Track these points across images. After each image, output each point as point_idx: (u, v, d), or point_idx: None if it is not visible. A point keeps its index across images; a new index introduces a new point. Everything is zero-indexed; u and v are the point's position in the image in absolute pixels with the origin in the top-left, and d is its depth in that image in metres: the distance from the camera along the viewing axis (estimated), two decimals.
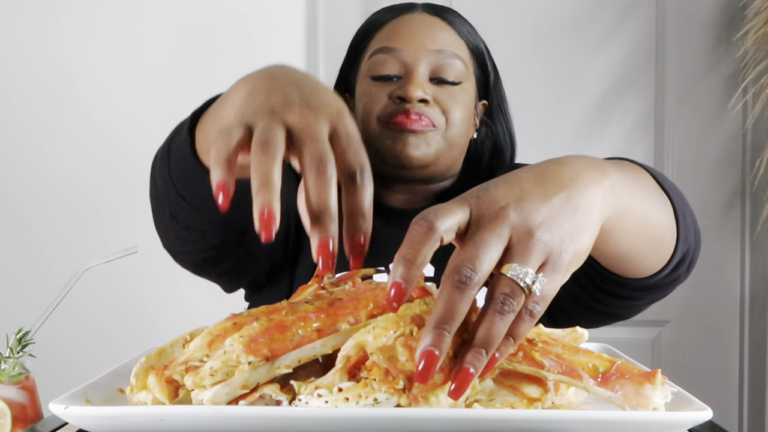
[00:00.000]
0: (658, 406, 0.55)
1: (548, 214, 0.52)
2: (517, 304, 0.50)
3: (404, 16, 1.06)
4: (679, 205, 0.72)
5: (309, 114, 0.54)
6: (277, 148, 0.52)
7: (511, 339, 0.51)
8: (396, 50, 1.02)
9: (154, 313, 1.90)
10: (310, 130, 0.53)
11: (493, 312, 0.50)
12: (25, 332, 0.74)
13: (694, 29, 1.91)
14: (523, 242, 0.51)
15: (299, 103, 0.55)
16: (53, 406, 0.53)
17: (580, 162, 0.58)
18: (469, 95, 1.05)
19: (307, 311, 0.56)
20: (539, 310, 0.51)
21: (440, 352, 0.48)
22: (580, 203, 0.54)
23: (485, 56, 1.09)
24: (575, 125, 1.93)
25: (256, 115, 0.55)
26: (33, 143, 1.91)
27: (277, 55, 1.91)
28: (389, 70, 1.02)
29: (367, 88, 1.03)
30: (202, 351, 0.57)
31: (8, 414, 0.70)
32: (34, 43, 1.91)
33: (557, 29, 1.92)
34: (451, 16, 1.07)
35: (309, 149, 0.52)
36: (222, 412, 0.51)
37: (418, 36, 1.02)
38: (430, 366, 0.48)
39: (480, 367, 0.50)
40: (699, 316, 1.95)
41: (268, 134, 0.52)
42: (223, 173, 0.52)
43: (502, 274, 0.51)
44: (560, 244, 0.52)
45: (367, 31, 1.08)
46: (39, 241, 1.92)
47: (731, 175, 1.92)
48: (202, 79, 1.91)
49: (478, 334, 0.50)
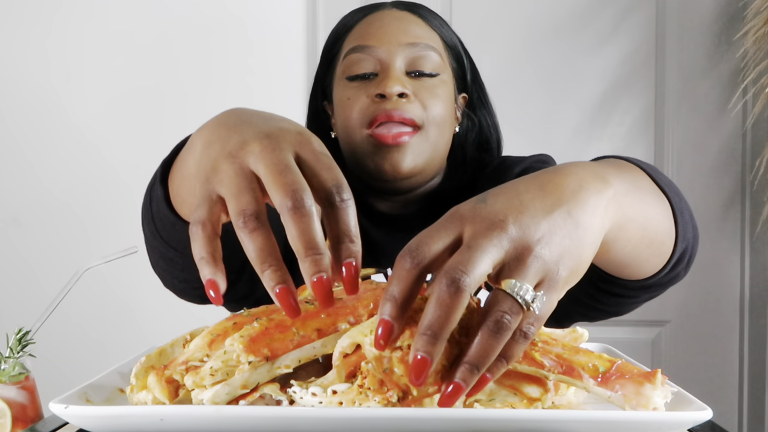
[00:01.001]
0: (658, 406, 0.55)
1: (548, 229, 0.51)
2: (514, 321, 0.49)
3: (375, 14, 1.04)
4: (677, 202, 0.72)
5: (269, 146, 0.52)
6: (255, 214, 0.49)
7: (504, 360, 0.50)
8: (370, 47, 1.00)
9: (154, 313, 1.90)
10: (274, 161, 0.51)
11: (489, 329, 0.48)
12: (25, 332, 0.74)
13: (694, 29, 1.91)
14: (521, 257, 0.49)
15: (256, 138, 0.53)
16: (53, 406, 0.53)
17: (582, 171, 0.56)
18: (448, 87, 1.03)
19: (307, 311, 0.56)
20: (533, 332, 0.50)
21: (431, 357, 0.47)
22: (581, 218, 0.53)
23: (459, 48, 1.07)
24: (575, 125, 1.93)
25: (217, 165, 0.52)
26: (33, 144, 1.91)
27: (276, 56, 1.91)
28: (365, 69, 1.00)
29: (344, 91, 1.01)
30: (203, 351, 0.57)
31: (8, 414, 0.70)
32: (33, 45, 1.91)
33: (557, 29, 1.92)
34: (422, 10, 1.06)
35: (277, 185, 0.50)
36: (222, 412, 0.51)
37: (390, 31, 1.01)
38: (422, 371, 0.48)
39: (471, 383, 0.49)
40: (699, 316, 1.95)
41: (238, 201, 0.50)
42: (209, 269, 0.51)
43: (501, 290, 0.49)
44: (559, 261, 0.51)
45: (338, 34, 1.06)
46: (39, 241, 1.92)
47: (731, 175, 1.92)
48: (202, 79, 1.91)
49: (472, 351, 0.49)
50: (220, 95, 1.91)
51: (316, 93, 1.11)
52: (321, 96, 1.10)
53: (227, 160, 0.52)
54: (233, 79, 1.92)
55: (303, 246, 0.49)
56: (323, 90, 1.10)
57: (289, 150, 0.52)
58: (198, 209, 0.52)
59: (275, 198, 0.50)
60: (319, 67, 1.10)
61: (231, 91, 1.91)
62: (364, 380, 0.51)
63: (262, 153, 0.51)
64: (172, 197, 0.73)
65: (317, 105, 1.11)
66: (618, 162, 0.68)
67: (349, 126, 0.99)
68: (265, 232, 0.49)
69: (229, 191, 0.51)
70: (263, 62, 1.91)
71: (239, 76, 1.91)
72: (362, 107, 0.98)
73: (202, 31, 1.91)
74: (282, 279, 0.49)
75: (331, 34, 1.09)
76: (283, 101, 1.91)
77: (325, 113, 1.10)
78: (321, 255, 0.49)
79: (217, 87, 1.91)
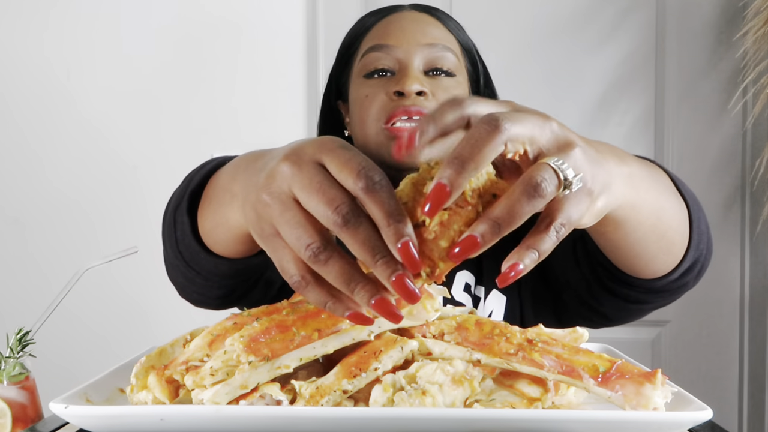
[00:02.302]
0: (658, 406, 0.55)
1: (588, 143, 0.52)
2: (549, 191, 0.46)
3: (393, 15, 1.06)
4: (695, 210, 0.72)
5: (294, 165, 0.49)
6: (316, 243, 0.47)
7: (535, 252, 0.47)
8: (389, 47, 1.01)
9: (154, 313, 1.90)
10: (303, 179, 0.48)
11: (523, 187, 0.46)
12: (25, 332, 0.74)
13: (694, 29, 1.91)
14: (564, 147, 0.49)
15: (280, 161, 0.50)
16: (53, 406, 0.53)
17: (602, 146, 0.57)
18: (464, 89, 1.04)
19: (307, 311, 0.56)
20: (563, 233, 0.48)
21: (451, 187, 0.45)
22: (612, 169, 0.54)
23: (474, 52, 1.09)
24: (575, 125, 1.91)
25: (257, 206, 0.51)
26: (33, 144, 1.91)
27: (277, 57, 1.91)
28: (383, 66, 1.01)
29: (361, 89, 1.02)
30: (203, 351, 0.57)
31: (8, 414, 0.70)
32: (32, 45, 1.91)
33: (557, 29, 1.92)
34: (440, 13, 1.08)
35: (317, 208, 0.48)
36: (222, 412, 0.51)
37: (409, 32, 1.02)
38: (439, 200, 0.45)
39: (489, 241, 0.46)
40: (699, 316, 1.95)
41: (291, 236, 0.48)
42: (353, 303, 0.49)
43: (543, 162, 0.47)
44: (594, 169, 0.50)
45: (356, 34, 1.07)
46: (39, 241, 1.92)
47: (731, 175, 1.92)
48: (202, 80, 1.91)
49: (498, 207, 0.46)
50: (220, 95, 1.91)
51: (329, 92, 1.12)
52: (335, 95, 1.11)
53: (270, 196, 0.50)
54: (234, 78, 1.92)
55: (364, 256, 0.47)
56: (338, 89, 1.10)
57: (313, 164, 0.49)
58: (282, 265, 0.50)
59: (320, 218, 0.48)
60: (335, 66, 1.11)
61: (231, 91, 1.91)
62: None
63: (292, 177, 0.49)
64: (201, 230, 0.72)
65: (331, 104, 1.12)
66: (641, 158, 0.69)
67: (366, 122, 1.00)
68: (342, 263, 0.48)
69: (289, 237, 0.49)
70: (264, 62, 1.91)
71: (239, 75, 1.91)
72: (380, 104, 0.99)
73: (203, 31, 1.91)
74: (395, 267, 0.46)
75: (348, 34, 1.10)
76: (284, 100, 1.91)
77: (339, 112, 1.11)
78: (401, 221, 0.46)
79: (217, 87, 1.91)
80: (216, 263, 0.74)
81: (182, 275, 0.82)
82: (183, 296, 0.89)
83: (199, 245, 0.73)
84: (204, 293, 0.85)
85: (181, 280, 0.84)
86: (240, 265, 0.75)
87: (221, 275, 0.78)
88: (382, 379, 0.56)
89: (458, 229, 0.47)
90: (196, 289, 0.85)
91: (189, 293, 0.87)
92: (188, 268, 0.79)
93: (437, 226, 0.47)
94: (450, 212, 0.47)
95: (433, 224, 0.47)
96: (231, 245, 0.69)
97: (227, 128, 1.91)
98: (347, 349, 0.58)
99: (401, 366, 0.58)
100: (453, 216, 0.47)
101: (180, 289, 0.88)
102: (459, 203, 0.47)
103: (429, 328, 0.61)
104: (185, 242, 0.75)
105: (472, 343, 0.59)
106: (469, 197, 0.47)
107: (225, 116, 1.91)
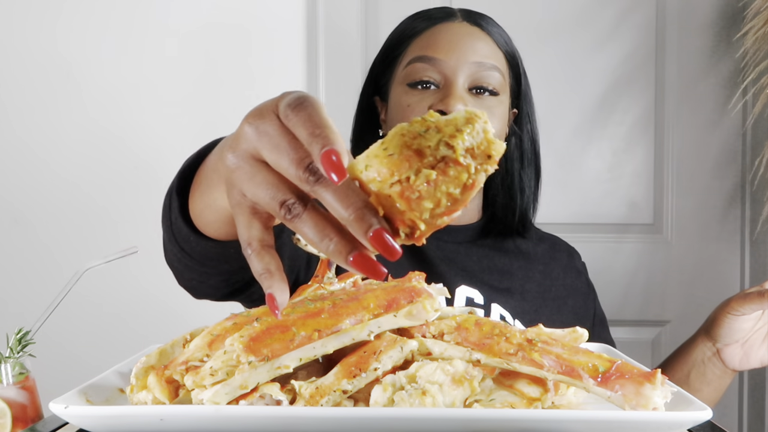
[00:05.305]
0: (658, 406, 0.55)
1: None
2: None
3: (443, 24, 1.05)
4: None
5: (257, 125, 0.49)
6: (292, 210, 0.47)
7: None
8: (436, 60, 1.01)
9: (154, 313, 1.90)
10: (269, 139, 0.48)
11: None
12: (25, 332, 0.74)
13: (694, 29, 1.91)
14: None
15: (243, 123, 0.50)
16: (53, 406, 0.53)
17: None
18: (505, 106, 1.05)
19: (307, 311, 0.56)
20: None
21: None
22: None
23: (519, 65, 1.09)
24: (575, 125, 1.93)
25: (227, 173, 0.51)
26: (33, 142, 1.91)
27: (277, 55, 1.91)
28: (428, 78, 1.01)
29: (404, 97, 1.02)
30: (202, 351, 0.57)
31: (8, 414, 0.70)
32: (34, 41, 1.91)
33: (557, 29, 1.92)
34: (490, 25, 1.07)
35: (289, 169, 0.46)
36: (222, 412, 0.51)
37: (458, 47, 1.02)
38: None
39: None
40: (699, 316, 1.94)
41: (268, 194, 0.47)
42: (266, 283, 0.48)
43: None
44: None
45: (403, 37, 1.07)
46: (39, 241, 1.92)
47: (731, 175, 1.92)
48: (203, 77, 1.91)
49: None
50: (221, 96, 1.91)
51: (368, 86, 1.12)
52: (373, 90, 1.11)
53: (229, 152, 0.51)
54: (234, 79, 1.92)
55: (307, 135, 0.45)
56: (377, 86, 1.10)
57: (273, 118, 0.49)
58: (240, 230, 0.50)
59: (292, 174, 0.47)
60: (377, 62, 1.11)
61: (232, 92, 1.91)
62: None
63: (259, 136, 0.49)
64: (192, 213, 0.72)
65: (369, 99, 1.12)
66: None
67: None
68: (308, 222, 0.47)
69: (265, 201, 0.49)
70: (264, 62, 1.91)
71: (240, 76, 1.91)
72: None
73: (204, 32, 1.91)
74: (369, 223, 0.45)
75: (394, 34, 1.09)
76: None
77: (376, 107, 1.11)
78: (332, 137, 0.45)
79: (218, 87, 1.91)
80: (207, 246, 0.74)
81: (177, 260, 0.82)
82: (181, 284, 0.89)
83: (189, 228, 0.73)
84: (202, 280, 0.85)
85: (177, 265, 0.84)
86: (231, 248, 0.74)
87: (215, 259, 0.77)
88: (382, 379, 0.56)
89: (446, 191, 0.45)
90: (193, 276, 0.85)
91: (186, 280, 0.87)
92: (182, 252, 0.79)
93: (423, 184, 0.44)
94: (439, 172, 0.45)
95: (418, 183, 0.44)
96: (221, 227, 0.68)
97: (228, 128, 1.91)
98: (347, 349, 0.58)
99: (401, 366, 0.58)
100: (441, 176, 0.45)
101: (178, 276, 0.88)
102: (450, 163, 0.45)
103: (429, 328, 0.61)
104: (177, 225, 0.75)
105: (472, 343, 0.59)
106: (461, 157, 0.45)
107: (225, 116, 1.91)
